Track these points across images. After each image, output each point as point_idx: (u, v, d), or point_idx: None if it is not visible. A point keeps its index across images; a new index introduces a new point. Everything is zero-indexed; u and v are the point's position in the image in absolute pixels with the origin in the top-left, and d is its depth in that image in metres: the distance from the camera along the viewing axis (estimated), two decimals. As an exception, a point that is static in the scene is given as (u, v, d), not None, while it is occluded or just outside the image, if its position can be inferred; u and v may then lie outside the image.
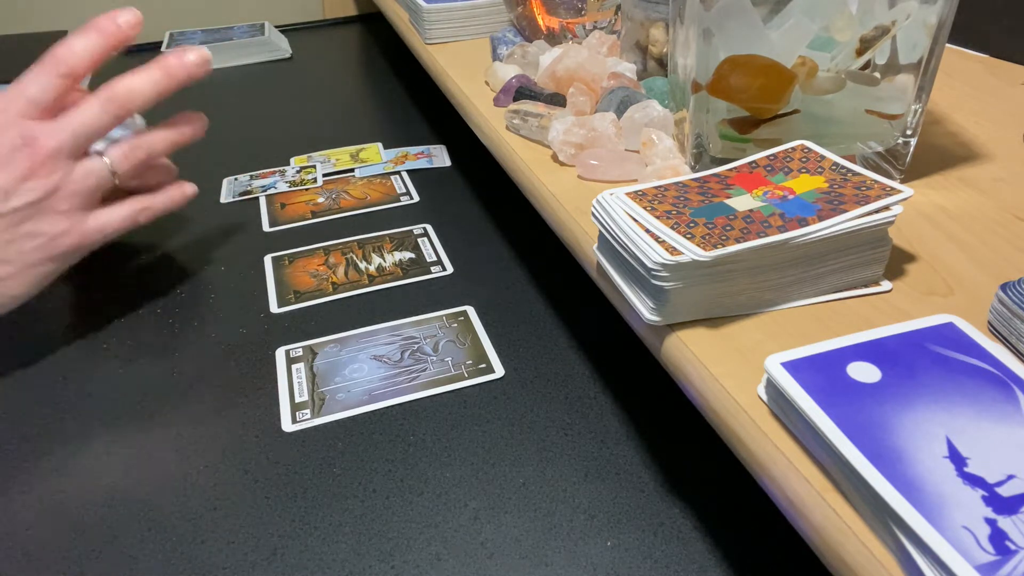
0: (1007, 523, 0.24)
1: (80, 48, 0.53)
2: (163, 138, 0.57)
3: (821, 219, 0.36)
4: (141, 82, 0.54)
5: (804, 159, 0.41)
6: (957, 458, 0.26)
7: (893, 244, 0.38)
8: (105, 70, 0.56)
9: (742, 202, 0.38)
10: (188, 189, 0.62)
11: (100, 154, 0.54)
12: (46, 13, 1.17)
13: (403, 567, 0.41)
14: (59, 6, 1.17)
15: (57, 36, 1.18)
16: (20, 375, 0.55)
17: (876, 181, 0.38)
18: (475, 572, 0.40)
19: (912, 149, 0.47)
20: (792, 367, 0.31)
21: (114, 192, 0.56)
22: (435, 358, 0.54)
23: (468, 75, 0.69)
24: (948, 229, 0.43)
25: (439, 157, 0.83)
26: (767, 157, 0.42)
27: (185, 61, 0.55)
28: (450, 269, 0.64)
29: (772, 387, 0.31)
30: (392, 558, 0.41)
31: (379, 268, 0.65)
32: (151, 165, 0.58)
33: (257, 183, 0.79)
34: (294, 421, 0.50)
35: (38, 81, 0.52)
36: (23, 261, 0.51)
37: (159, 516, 0.44)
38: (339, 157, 0.83)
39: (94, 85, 0.56)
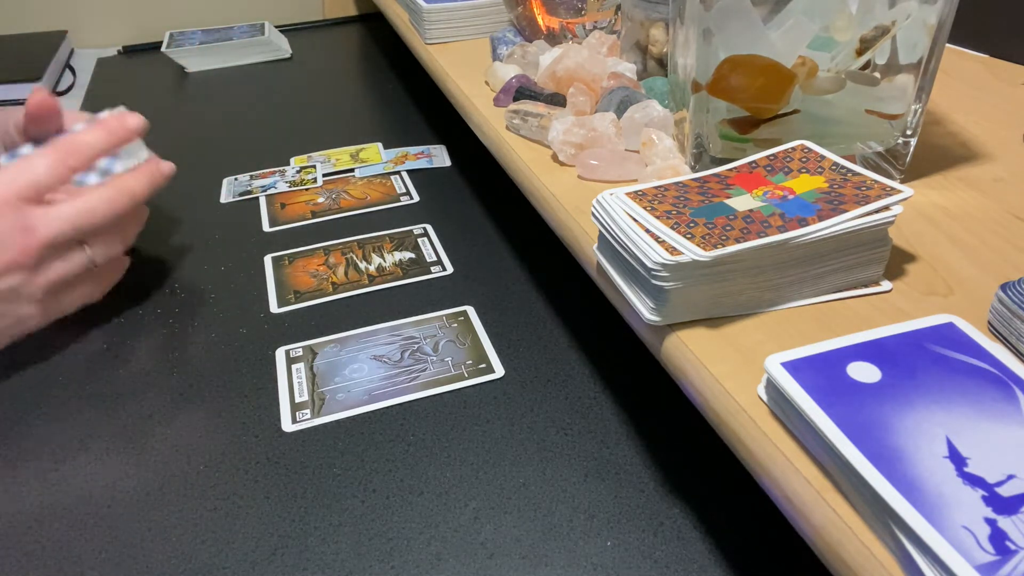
0: (1007, 523, 0.24)
1: (90, 140, 0.54)
2: (135, 228, 0.59)
3: (821, 219, 0.36)
4: (140, 182, 0.56)
5: (804, 159, 0.41)
6: (957, 458, 0.26)
7: (893, 244, 0.38)
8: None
9: (742, 202, 0.38)
10: (125, 262, 0.61)
11: (83, 247, 0.54)
12: (46, 13, 1.17)
13: (403, 567, 0.41)
14: (59, 6, 1.17)
15: (57, 36, 1.19)
16: (19, 375, 0.55)
17: (876, 181, 0.38)
18: (475, 572, 0.40)
19: (912, 149, 0.47)
20: (792, 367, 0.31)
21: None
22: (435, 358, 0.54)
23: (468, 75, 0.69)
24: (948, 229, 0.43)
25: (439, 157, 0.83)
26: (767, 157, 0.42)
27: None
28: (450, 269, 0.64)
29: (772, 387, 0.31)
30: (392, 558, 0.41)
31: (379, 268, 0.65)
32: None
33: (257, 183, 0.79)
34: (294, 421, 0.50)
35: (47, 166, 0.52)
36: None
37: (159, 516, 0.44)
38: (339, 157, 0.83)
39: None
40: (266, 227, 0.72)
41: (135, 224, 0.59)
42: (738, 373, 0.34)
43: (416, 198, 0.76)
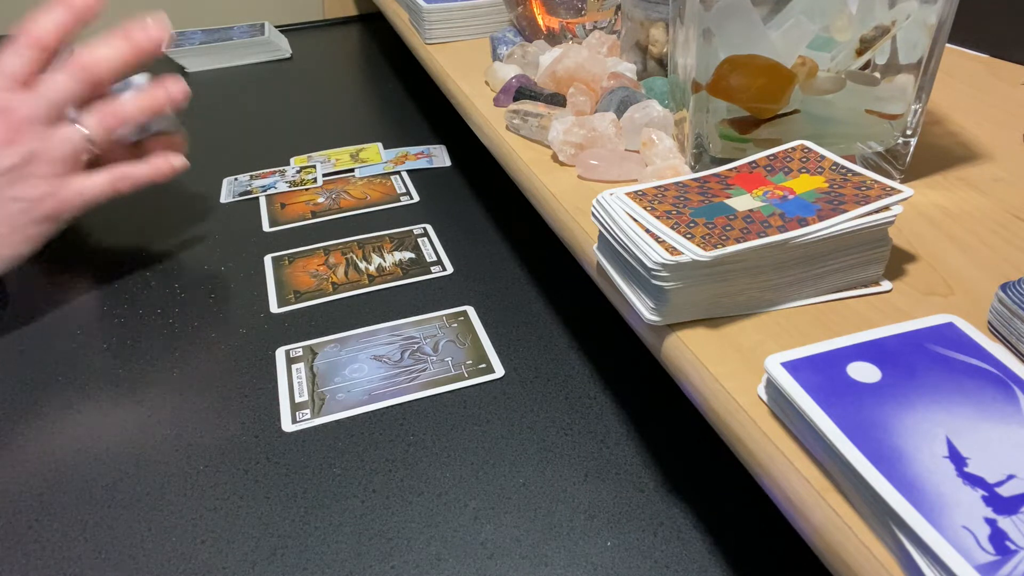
0: (1007, 523, 0.24)
1: (46, 23, 0.55)
2: (136, 104, 0.58)
3: (821, 219, 0.36)
4: (106, 51, 0.57)
5: (804, 159, 0.41)
6: (957, 458, 0.26)
7: (893, 244, 0.38)
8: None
9: (742, 202, 0.38)
10: (176, 161, 0.62)
11: (75, 122, 0.56)
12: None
13: (403, 567, 0.41)
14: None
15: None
16: (19, 375, 0.55)
17: (876, 181, 0.38)
18: (475, 572, 0.40)
19: (912, 149, 0.47)
20: (792, 367, 0.31)
21: (103, 159, 0.58)
22: (435, 358, 0.54)
23: (468, 75, 0.69)
24: (948, 229, 0.43)
25: (439, 157, 0.83)
26: (767, 157, 0.42)
27: (147, 30, 0.58)
28: (450, 269, 0.64)
29: (772, 387, 0.31)
30: (392, 558, 0.41)
31: (379, 268, 0.65)
32: (154, 134, 0.60)
33: (257, 183, 0.79)
34: (294, 421, 0.50)
35: (12, 55, 0.54)
36: (9, 224, 0.54)
37: (159, 516, 0.44)
38: (339, 157, 0.83)
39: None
40: (266, 227, 0.72)
41: (138, 102, 0.58)
42: (738, 373, 0.34)
43: (416, 198, 0.76)
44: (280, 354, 0.55)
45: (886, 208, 0.36)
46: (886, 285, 0.39)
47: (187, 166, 0.62)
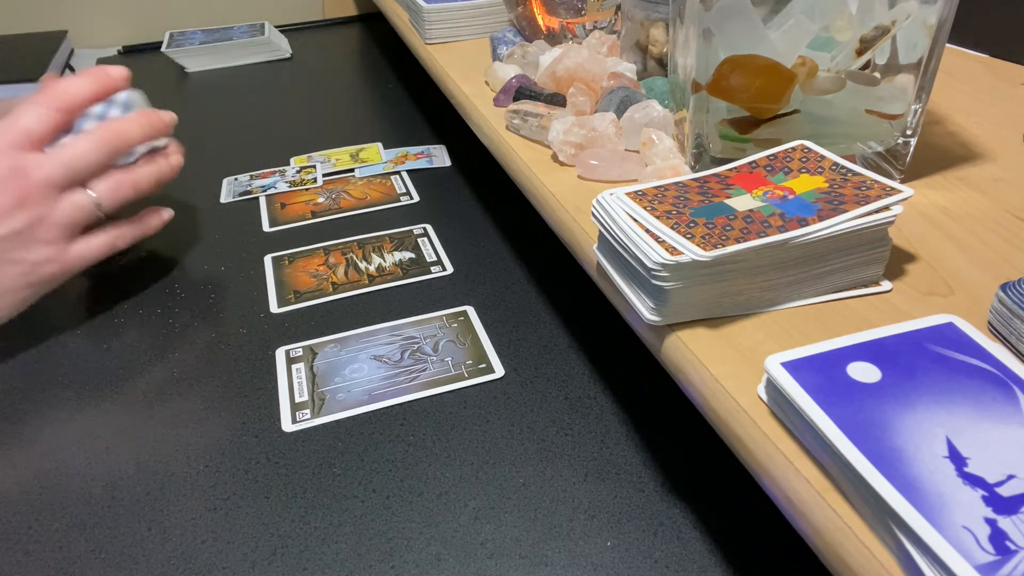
0: (1007, 523, 0.24)
1: (74, 88, 0.55)
2: (148, 174, 0.59)
3: (821, 219, 0.36)
4: (132, 126, 0.57)
5: (804, 159, 0.41)
6: (957, 458, 0.26)
7: (893, 244, 0.38)
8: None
9: (742, 202, 0.38)
10: (165, 214, 0.63)
11: (86, 188, 0.55)
12: (46, 13, 1.17)
13: (403, 567, 0.41)
14: (59, 6, 1.17)
15: (57, 36, 1.19)
16: (20, 375, 0.55)
17: (876, 181, 0.38)
18: (475, 572, 0.40)
19: (912, 149, 0.47)
20: (792, 367, 0.31)
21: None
22: (435, 358, 0.54)
23: (468, 75, 0.69)
24: (948, 229, 0.43)
25: (439, 157, 0.83)
26: (767, 157, 0.42)
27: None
28: (450, 269, 0.64)
29: (772, 387, 0.31)
30: (392, 558, 0.41)
31: (379, 268, 0.65)
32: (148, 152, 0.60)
33: (257, 183, 0.79)
34: (294, 421, 0.50)
35: (32, 113, 0.53)
36: (4, 286, 0.53)
37: (159, 516, 0.44)
38: (339, 157, 0.83)
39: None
40: (266, 227, 0.72)
41: (150, 173, 0.59)
42: (738, 373, 0.34)
43: (416, 198, 0.76)
44: (280, 354, 0.55)
45: (886, 208, 0.36)
46: (886, 285, 0.39)
47: (172, 216, 0.64)
